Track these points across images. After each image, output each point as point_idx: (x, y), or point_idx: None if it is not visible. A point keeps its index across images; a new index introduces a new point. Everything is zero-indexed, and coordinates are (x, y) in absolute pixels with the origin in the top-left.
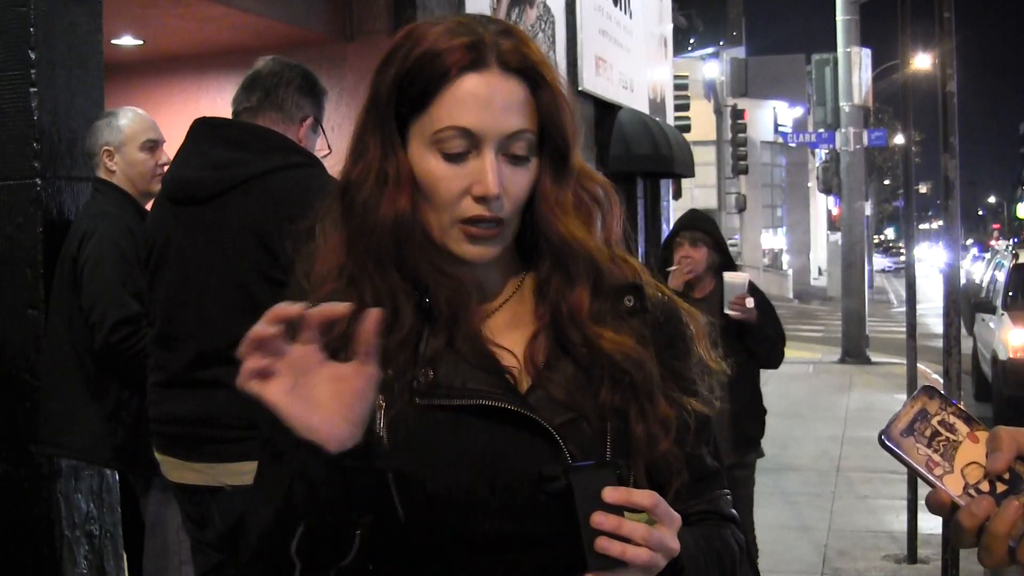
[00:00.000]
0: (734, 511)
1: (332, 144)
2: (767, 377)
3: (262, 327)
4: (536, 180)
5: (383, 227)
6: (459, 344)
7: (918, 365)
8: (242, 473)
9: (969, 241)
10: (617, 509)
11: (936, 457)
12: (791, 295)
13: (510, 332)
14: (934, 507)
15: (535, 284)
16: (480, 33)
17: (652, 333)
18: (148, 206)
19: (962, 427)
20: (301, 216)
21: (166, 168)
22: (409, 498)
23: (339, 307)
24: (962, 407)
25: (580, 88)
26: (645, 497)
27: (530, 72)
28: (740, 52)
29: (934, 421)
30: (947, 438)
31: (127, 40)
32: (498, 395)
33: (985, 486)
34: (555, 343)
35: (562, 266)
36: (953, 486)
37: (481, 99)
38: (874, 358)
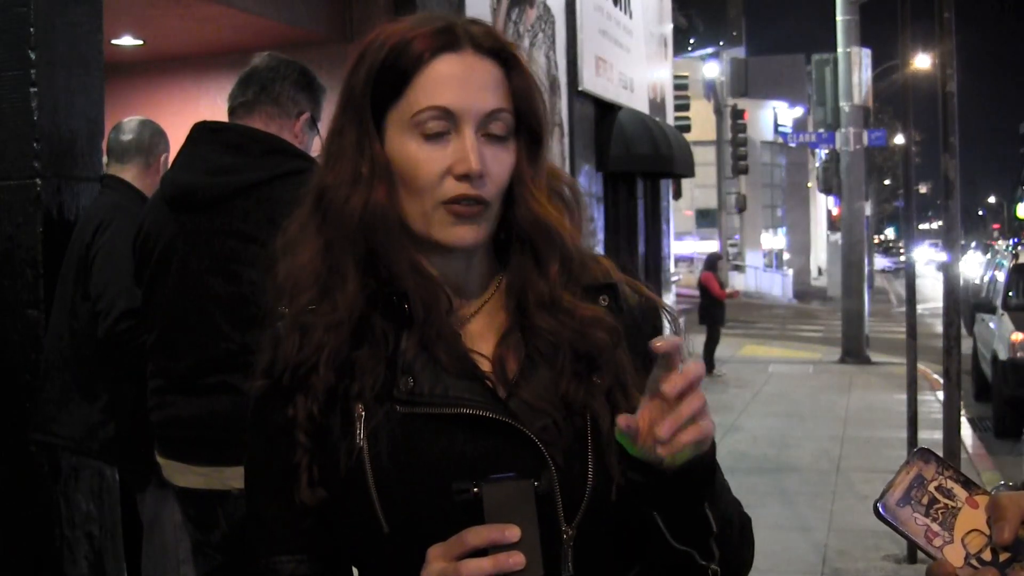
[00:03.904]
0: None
1: None
2: (768, 377)
3: (476, 567)
4: (514, 163)
5: (352, 219)
6: (437, 350)
7: (918, 365)
8: None
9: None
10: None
11: (935, 527)
12: (791, 295)
13: (487, 336)
14: None
15: (508, 281)
16: (450, 20)
17: (628, 334)
18: None
19: (960, 492)
20: None
21: None
22: (392, 508)
23: (509, 533)
24: (959, 470)
25: (580, 88)
26: (692, 371)
27: (503, 53)
28: (740, 52)
29: (931, 487)
30: (945, 505)
31: (127, 40)
32: (480, 403)
33: (987, 555)
34: (524, 339)
35: (533, 249)
36: (954, 557)
37: (458, 78)
38: (874, 358)
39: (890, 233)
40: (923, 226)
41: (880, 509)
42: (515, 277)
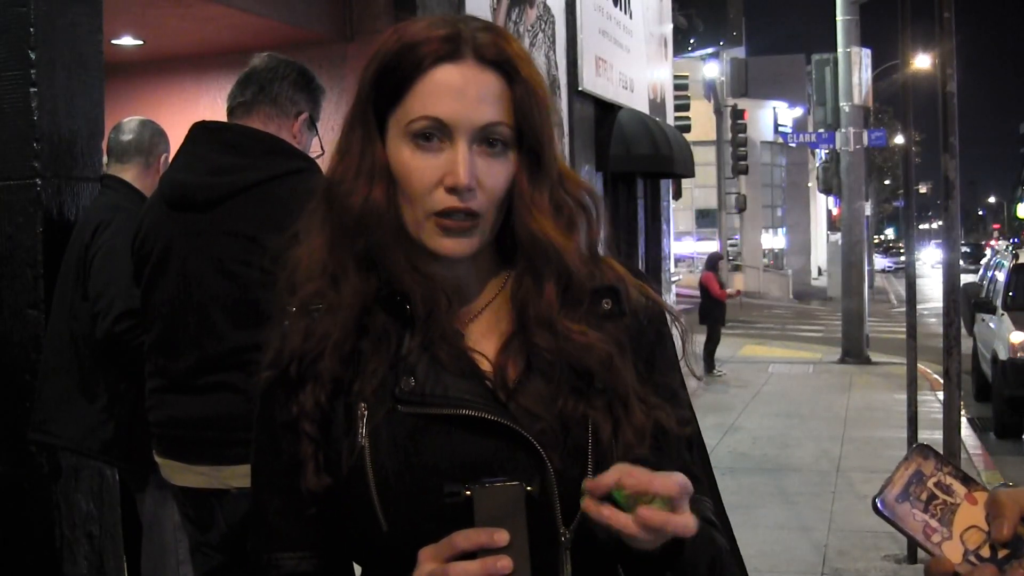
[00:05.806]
0: (713, 518)
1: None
2: (768, 377)
3: (463, 570)
4: (513, 176)
5: (351, 215)
6: (439, 350)
7: (918, 365)
8: (247, 475)
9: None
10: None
11: (933, 523)
12: (791, 295)
13: (489, 337)
14: (935, 575)
15: (512, 287)
16: (459, 27)
17: (632, 339)
18: None
19: (959, 488)
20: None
21: None
22: (391, 507)
23: (498, 537)
24: (958, 466)
25: (580, 88)
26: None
27: (506, 65)
28: (740, 52)
29: (930, 483)
30: (944, 501)
31: (127, 40)
32: (480, 405)
33: (986, 551)
34: (525, 349)
35: (532, 266)
36: (952, 553)
37: (454, 89)
38: (874, 358)
39: (890, 233)
40: (923, 226)
41: (879, 505)
42: (518, 285)
